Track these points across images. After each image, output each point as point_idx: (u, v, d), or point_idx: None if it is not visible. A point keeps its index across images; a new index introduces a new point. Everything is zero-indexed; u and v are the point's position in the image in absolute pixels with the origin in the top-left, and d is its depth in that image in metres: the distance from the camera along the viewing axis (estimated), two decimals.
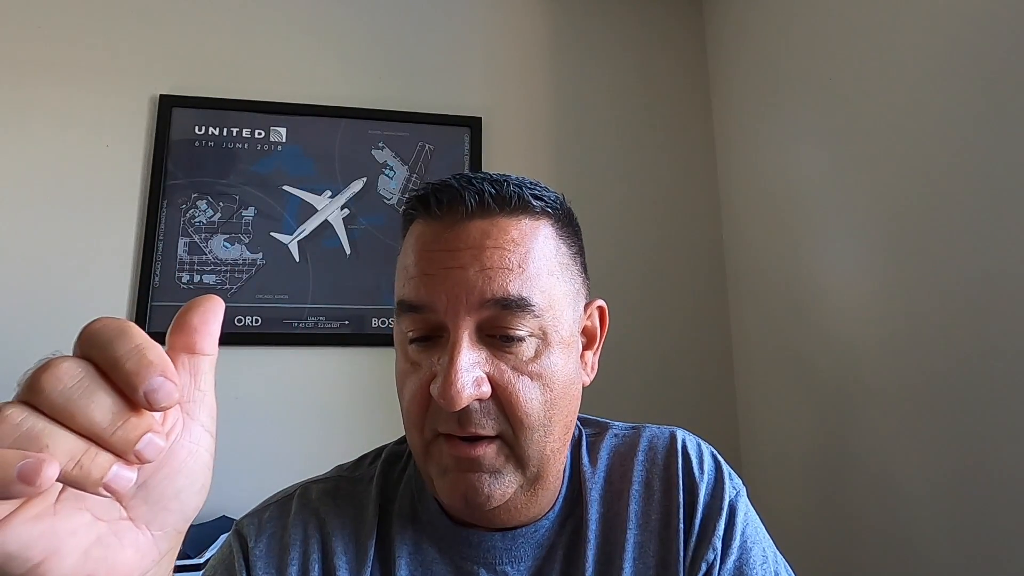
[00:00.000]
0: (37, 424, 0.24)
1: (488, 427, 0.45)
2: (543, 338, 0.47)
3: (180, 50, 1.53)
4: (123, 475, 0.25)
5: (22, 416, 0.24)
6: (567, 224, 0.52)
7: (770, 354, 1.49)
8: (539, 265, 0.47)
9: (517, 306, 0.45)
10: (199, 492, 0.30)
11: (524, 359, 0.46)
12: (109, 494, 0.25)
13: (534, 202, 0.49)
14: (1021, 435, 0.88)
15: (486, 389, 0.44)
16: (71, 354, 0.27)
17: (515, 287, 0.45)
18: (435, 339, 0.47)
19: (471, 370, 0.44)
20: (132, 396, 0.25)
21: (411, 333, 0.47)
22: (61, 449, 0.24)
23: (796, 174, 1.40)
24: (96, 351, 0.26)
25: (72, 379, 0.25)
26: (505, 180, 0.49)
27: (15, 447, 0.23)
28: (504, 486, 0.46)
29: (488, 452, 0.45)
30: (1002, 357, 0.91)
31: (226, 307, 1.39)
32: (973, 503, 0.95)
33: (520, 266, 0.46)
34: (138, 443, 0.25)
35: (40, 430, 0.24)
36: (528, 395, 0.45)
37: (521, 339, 0.46)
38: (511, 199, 0.48)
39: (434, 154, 1.59)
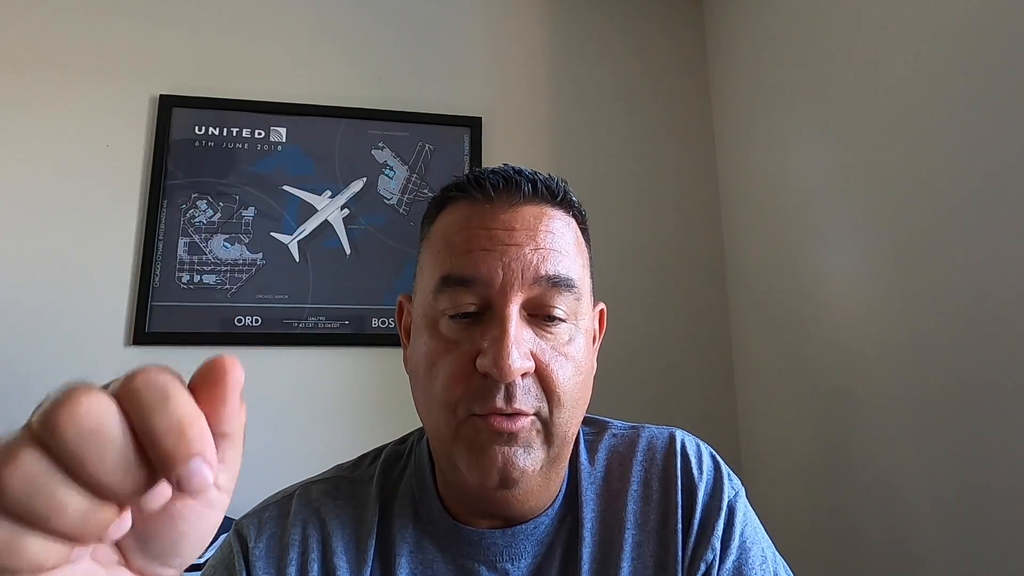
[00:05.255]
0: (51, 480, 0.22)
1: (529, 404, 0.46)
2: (575, 324, 0.50)
3: (180, 50, 1.53)
4: (122, 526, 0.25)
5: (37, 467, 0.22)
6: (586, 229, 0.56)
7: (770, 358, 1.49)
8: (578, 256, 0.51)
9: (565, 285, 0.48)
10: (204, 545, 0.29)
11: (561, 341, 0.48)
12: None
13: (574, 200, 0.54)
14: (1022, 442, 0.88)
15: (531, 364, 0.46)
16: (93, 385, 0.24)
17: (564, 268, 0.49)
18: (477, 316, 0.47)
19: (521, 343, 0.46)
20: (163, 474, 0.23)
21: (450, 311, 0.48)
22: (71, 508, 0.22)
23: (797, 177, 1.40)
24: (135, 413, 0.23)
25: (92, 421, 0.22)
26: (549, 175, 0.53)
27: (26, 499, 0.22)
28: (534, 461, 0.47)
29: (525, 425, 0.46)
30: (1003, 364, 0.91)
31: (226, 307, 1.41)
32: (972, 509, 0.95)
33: (567, 251, 0.50)
34: (143, 498, 0.24)
35: (53, 488, 0.22)
36: (564, 374, 0.48)
37: (561, 320, 0.49)
38: (558, 192, 0.52)
39: (434, 154, 1.59)
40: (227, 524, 1.36)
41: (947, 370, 1.00)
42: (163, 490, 0.25)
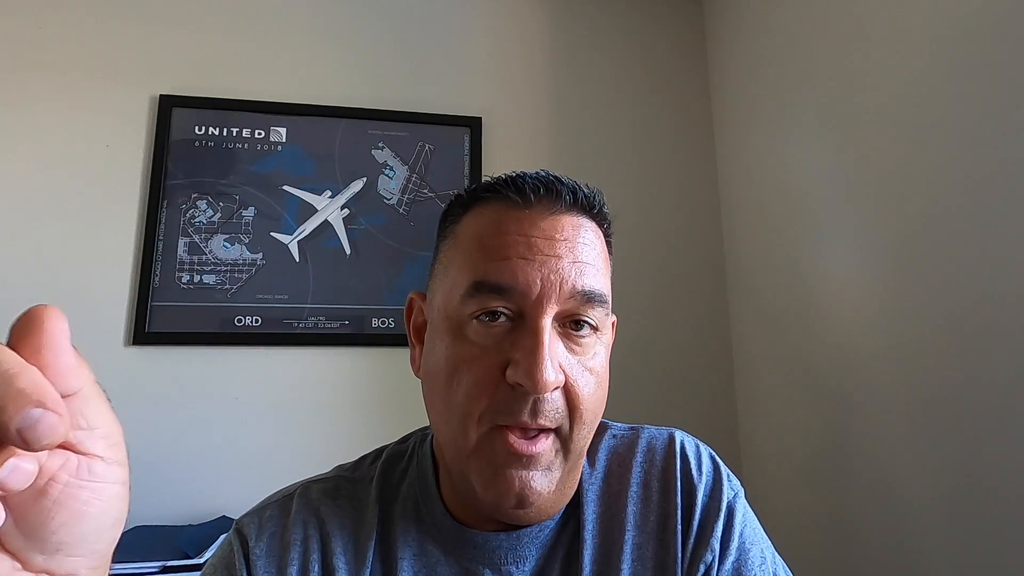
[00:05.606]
0: None
1: (554, 419, 0.46)
2: (599, 338, 0.49)
3: (180, 50, 1.53)
4: (24, 467, 0.22)
5: None
6: (611, 243, 0.55)
7: (770, 358, 1.49)
8: (607, 270, 0.51)
9: (598, 301, 0.48)
10: (112, 527, 0.26)
11: (588, 355, 0.48)
12: None
13: (607, 213, 0.53)
14: (1022, 441, 0.88)
15: (563, 378, 0.46)
16: None
17: (599, 283, 0.48)
18: (508, 322, 0.46)
19: (555, 356, 0.45)
20: (1, 434, 0.20)
21: (479, 312, 0.46)
22: None
23: (797, 176, 1.40)
24: None
25: None
26: (587, 185, 0.52)
27: None
28: (552, 481, 0.46)
29: (546, 447, 0.46)
30: (1004, 363, 0.91)
31: (226, 307, 1.41)
32: (973, 509, 0.95)
33: (600, 266, 0.49)
34: None
35: None
36: (588, 389, 0.47)
37: (589, 333, 0.48)
38: (596, 204, 0.52)
39: (434, 154, 1.59)
40: (227, 524, 1.35)
41: (947, 370, 1.00)
42: (21, 464, 0.22)
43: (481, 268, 0.47)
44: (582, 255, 0.48)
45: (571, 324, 0.47)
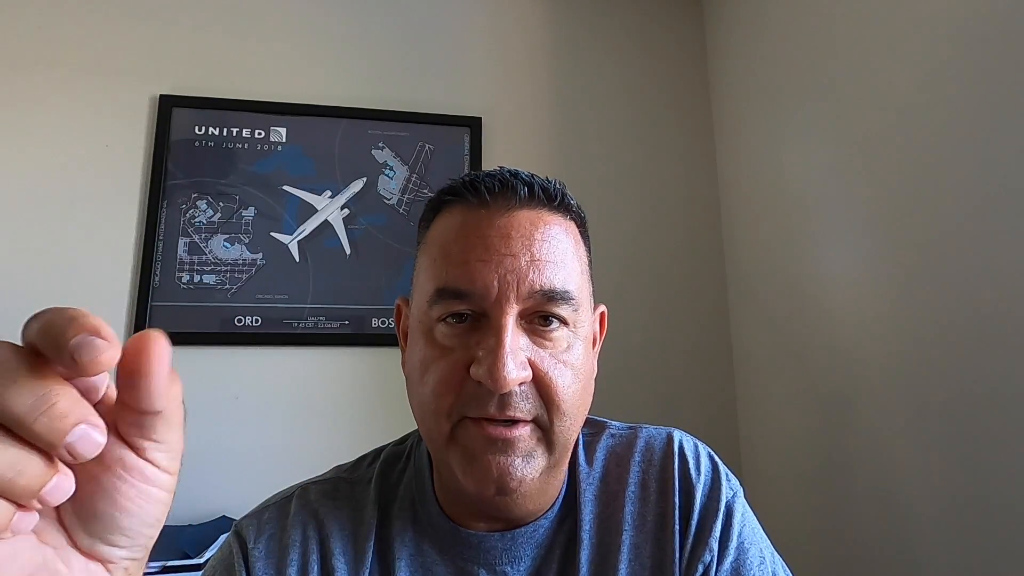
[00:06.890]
0: None
1: (526, 411, 0.46)
2: (574, 331, 0.49)
3: (180, 50, 1.53)
4: (63, 487, 0.24)
5: None
6: (585, 231, 0.55)
7: (770, 359, 1.49)
8: (575, 263, 0.50)
9: (561, 298, 0.47)
10: (151, 526, 0.28)
11: (560, 348, 0.48)
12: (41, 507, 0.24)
13: (572, 203, 0.52)
14: (1023, 448, 0.88)
15: (528, 373, 0.46)
16: None
17: (560, 280, 0.47)
18: (472, 322, 0.47)
19: (517, 353, 0.45)
20: (52, 452, 0.23)
21: (444, 316, 0.47)
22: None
23: (797, 175, 1.40)
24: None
25: None
26: (547, 178, 0.52)
27: None
28: (534, 469, 0.46)
29: (523, 434, 0.46)
30: (1005, 364, 0.90)
31: (226, 307, 1.41)
32: (973, 510, 0.95)
33: (564, 260, 0.48)
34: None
35: None
36: (564, 382, 0.47)
37: (558, 328, 0.48)
38: (556, 196, 0.51)
39: (434, 154, 1.59)
40: (227, 524, 1.35)
41: (948, 373, 1.00)
42: (89, 433, 0.23)
43: (443, 275, 0.47)
44: (541, 252, 0.47)
45: (539, 319, 0.47)
